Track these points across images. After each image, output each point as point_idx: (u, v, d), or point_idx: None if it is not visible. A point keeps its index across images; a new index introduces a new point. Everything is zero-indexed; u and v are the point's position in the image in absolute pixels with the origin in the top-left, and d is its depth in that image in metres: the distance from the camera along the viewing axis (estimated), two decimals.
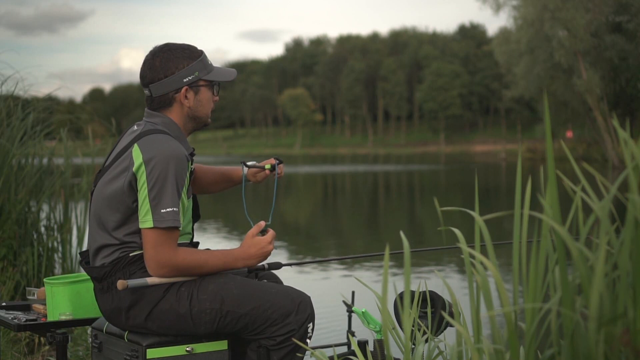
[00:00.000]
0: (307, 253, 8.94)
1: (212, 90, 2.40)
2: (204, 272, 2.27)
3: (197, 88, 2.34)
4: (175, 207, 2.17)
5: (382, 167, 39.70)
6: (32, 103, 4.98)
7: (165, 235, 2.17)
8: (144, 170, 2.18)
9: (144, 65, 2.35)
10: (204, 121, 2.41)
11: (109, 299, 2.27)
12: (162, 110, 2.34)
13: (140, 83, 2.37)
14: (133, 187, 2.21)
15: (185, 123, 2.37)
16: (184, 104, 2.33)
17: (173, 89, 2.31)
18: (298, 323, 2.30)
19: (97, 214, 2.30)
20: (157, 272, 2.19)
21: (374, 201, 18.52)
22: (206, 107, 2.39)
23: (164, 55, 2.32)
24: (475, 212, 1.49)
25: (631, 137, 1.29)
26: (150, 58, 2.33)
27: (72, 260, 4.76)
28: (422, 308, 2.41)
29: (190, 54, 2.34)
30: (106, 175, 2.31)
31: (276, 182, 2.64)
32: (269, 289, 2.32)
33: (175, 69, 2.31)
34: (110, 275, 2.25)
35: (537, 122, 53.17)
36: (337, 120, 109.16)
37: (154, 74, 2.31)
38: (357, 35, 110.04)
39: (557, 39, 35.79)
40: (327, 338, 2.97)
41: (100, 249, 2.29)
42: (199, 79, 2.34)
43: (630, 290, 1.21)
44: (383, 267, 1.40)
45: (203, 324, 2.25)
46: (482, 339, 1.43)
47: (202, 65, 2.35)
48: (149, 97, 2.34)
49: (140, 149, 2.21)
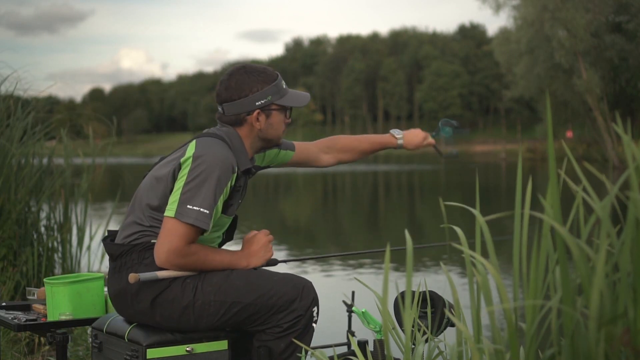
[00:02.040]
0: (307, 252, 8.94)
1: (285, 113, 2.46)
2: (207, 268, 2.28)
3: (269, 112, 2.41)
4: (204, 208, 2.20)
5: (382, 167, 39.71)
6: (32, 103, 4.98)
7: (182, 230, 2.19)
8: (190, 164, 2.23)
9: (220, 84, 2.42)
10: (275, 142, 2.49)
11: (119, 279, 2.30)
12: (233, 127, 2.41)
13: (216, 100, 2.43)
14: (175, 176, 2.26)
15: (253, 142, 2.43)
16: (254, 125, 2.39)
17: (245, 110, 2.38)
18: (303, 308, 2.32)
19: (139, 196, 2.35)
20: (162, 262, 2.21)
21: (374, 201, 18.52)
22: (277, 129, 2.45)
23: (240, 78, 2.38)
24: (476, 210, 1.48)
25: (632, 138, 1.29)
26: (226, 78, 2.41)
27: (72, 260, 4.76)
28: (422, 308, 2.41)
29: (265, 78, 2.40)
30: (162, 162, 2.37)
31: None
32: (271, 277, 2.34)
33: (249, 91, 2.37)
34: (126, 255, 2.29)
35: (537, 122, 53.11)
36: (337, 120, 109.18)
37: (228, 93, 2.38)
38: (357, 35, 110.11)
39: (557, 39, 35.79)
40: (327, 338, 2.97)
41: (126, 229, 2.33)
42: (272, 103, 2.40)
43: (630, 290, 1.21)
44: (383, 267, 1.40)
45: (206, 316, 2.27)
46: (483, 339, 1.43)
47: (276, 89, 2.41)
48: (220, 114, 2.42)
49: (195, 145, 2.28)
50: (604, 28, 36.67)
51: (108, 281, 2.38)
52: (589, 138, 40.46)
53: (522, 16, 37.93)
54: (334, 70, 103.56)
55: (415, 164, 42.01)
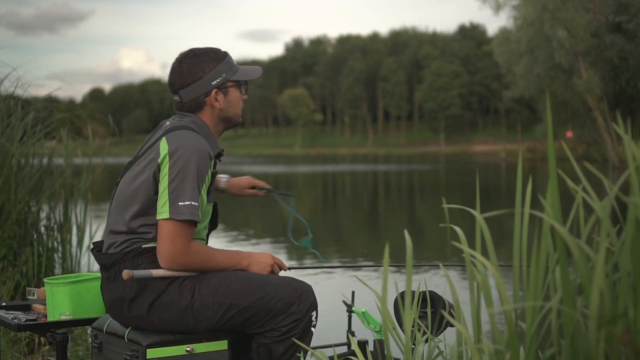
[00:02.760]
0: (307, 252, 8.94)
1: (240, 89, 2.46)
2: (211, 268, 2.28)
3: (225, 89, 2.40)
4: (194, 201, 2.19)
5: (382, 167, 39.70)
6: (32, 102, 4.98)
7: (181, 228, 2.19)
8: (167, 162, 2.22)
9: (171, 73, 2.40)
10: (235, 121, 2.47)
11: (114, 287, 2.29)
12: (194, 113, 2.40)
13: (170, 90, 2.41)
14: (156, 178, 2.24)
15: (216, 124, 2.42)
16: (214, 106, 2.38)
17: (203, 92, 2.37)
18: (302, 312, 2.32)
19: (120, 204, 2.33)
20: (168, 264, 2.21)
21: (373, 201, 18.52)
22: (236, 107, 2.45)
23: (191, 61, 2.37)
24: (476, 211, 1.48)
25: (632, 138, 1.29)
26: (177, 65, 2.39)
27: (72, 260, 4.76)
28: (422, 308, 2.41)
29: (215, 57, 2.40)
30: (134, 167, 2.34)
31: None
32: (270, 281, 2.34)
33: (202, 72, 2.36)
34: (119, 264, 2.27)
35: (537, 122, 53.11)
36: (337, 120, 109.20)
37: (182, 80, 2.36)
38: (357, 35, 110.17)
39: (557, 39, 35.79)
40: (327, 338, 2.97)
41: (114, 238, 2.32)
42: (227, 80, 2.40)
43: (630, 290, 1.21)
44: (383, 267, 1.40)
45: (205, 319, 2.26)
46: (483, 339, 1.43)
47: (228, 66, 2.41)
48: (179, 103, 2.40)
49: (167, 142, 2.26)
50: (604, 28, 36.66)
51: (102, 290, 2.37)
52: (589, 138, 40.45)
53: (522, 16, 37.92)
54: (334, 70, 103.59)
55: (415, 164, 42.00)
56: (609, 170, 29.27)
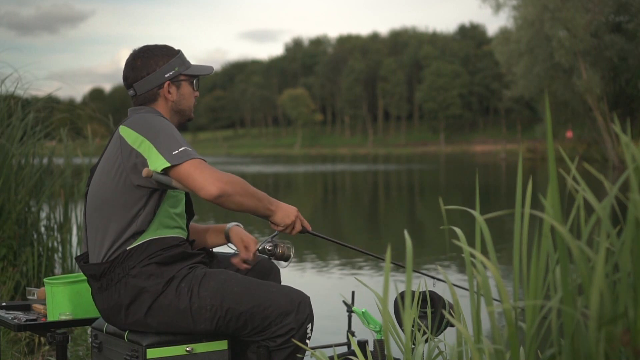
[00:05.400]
0: (307, 250, 8.93)
1: (192, 85, 2.50)
2: (250, 193, 2.23)
3: (178, 83, 2.45)
4: (186, 146, 2.18)
5: (382, 167, 39.69)
6: (32, 102, 4.98)
7: (192, 165, 2.15)
8: (139, 136, 2.22)
9: (125, 68, 2.45)
10: (187, 115, 2.50)
11: (108, 296, 2.27)
12: (148, 105, 2.43)
13: (124, 85, 2.46)
14: (137, 168, 2.22)
15: (171, 117, 2.45)
16: (167, 98, 2.42)
17: (156, 84, 2.41)
18: (297, 323, 2.29)
19: (94, 212, 2.32)
20: (214, 192, 2.12)
21: (374, 200, 18.52)
22: (188, 100, 2.49)
23: (144, 55, 2.42)
24: (476, 212, 1.48)
25: (631, 138, 1.30)
26: (131, 60, 2.44)
27: (72, 260, 4.76)
28: (422, 308, 2.41)
29: (168, 52, 2.45)
30: (101, 176, 2.32)
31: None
32: (269, 288, 2.32)
33: (156, 65, 2.41)
34: (109, 273, 2.25)
35: (537, 122, 53.09)
36: (337, 120, 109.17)
37: (136, 73, 2.41)
38: (357, 35, 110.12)
39: (557, 39, 35.77)
40: (327, 338, 2.97)
41: (97, 247, 2.30)
42: (180, 74, 2.44)
43: (630, 290, 1.21)
44: (384, 267, 1.40)
45: (203, 321, 2.25)
46: (483, 339, 1.43)
47: (181, 61, 2.46)
48: (134, 96, 2.43)
49: (127, 126, 2.27)
50: (604, 28, 36.63)
51: (95, 300, 2.34)
52: (589, 138, 40.42)
53: (522, 16, 37.91)
54: (334, 70, 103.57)
55: (415, 164, 42.01)
56: (609, 171, 29.26)
